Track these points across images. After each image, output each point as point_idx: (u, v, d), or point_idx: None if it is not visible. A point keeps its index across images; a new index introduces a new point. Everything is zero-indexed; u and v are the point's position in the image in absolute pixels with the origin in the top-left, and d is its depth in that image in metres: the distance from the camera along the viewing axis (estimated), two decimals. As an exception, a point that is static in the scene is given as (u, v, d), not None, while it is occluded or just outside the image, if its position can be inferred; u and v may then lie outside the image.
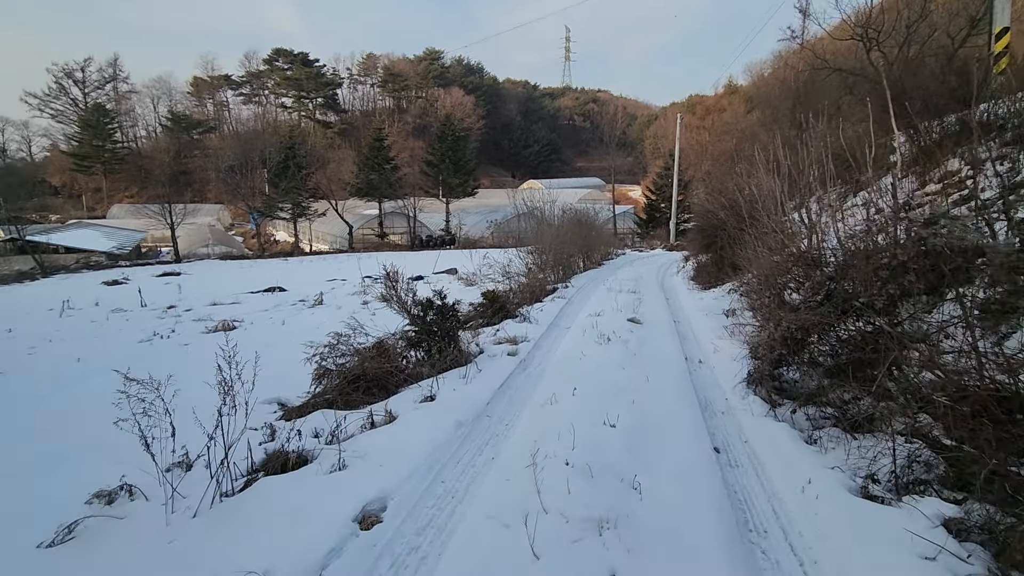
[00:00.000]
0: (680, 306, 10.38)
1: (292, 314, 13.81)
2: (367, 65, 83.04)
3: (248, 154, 41.47)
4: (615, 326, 8.09)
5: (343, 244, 38.84)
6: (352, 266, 25.14)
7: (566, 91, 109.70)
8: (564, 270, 15.83)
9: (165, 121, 67.92)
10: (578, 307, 10.18)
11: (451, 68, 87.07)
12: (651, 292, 12.10)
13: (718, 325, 8.01)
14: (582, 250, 18.94)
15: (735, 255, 11.96)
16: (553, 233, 14.81)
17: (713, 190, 14.22)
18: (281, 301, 16.24)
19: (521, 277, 12.71)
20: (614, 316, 8.88)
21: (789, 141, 10.09)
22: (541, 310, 9.51)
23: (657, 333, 7.95)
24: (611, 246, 27.80)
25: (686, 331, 8.35)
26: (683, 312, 9.81)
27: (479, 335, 7.68)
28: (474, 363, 6.35)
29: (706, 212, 13.44)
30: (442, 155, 38.63)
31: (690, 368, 6.47)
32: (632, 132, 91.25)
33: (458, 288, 14.31)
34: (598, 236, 22.11)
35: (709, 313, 9.06)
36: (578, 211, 19.53)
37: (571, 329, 8.15)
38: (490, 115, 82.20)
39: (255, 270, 27.54)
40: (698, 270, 14.74)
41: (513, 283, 12.35)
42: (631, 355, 6.62)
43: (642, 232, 42.10)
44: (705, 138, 59.45)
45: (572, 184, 69.76)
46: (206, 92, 75.30)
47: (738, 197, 12.23)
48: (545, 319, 8.82)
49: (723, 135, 40.45)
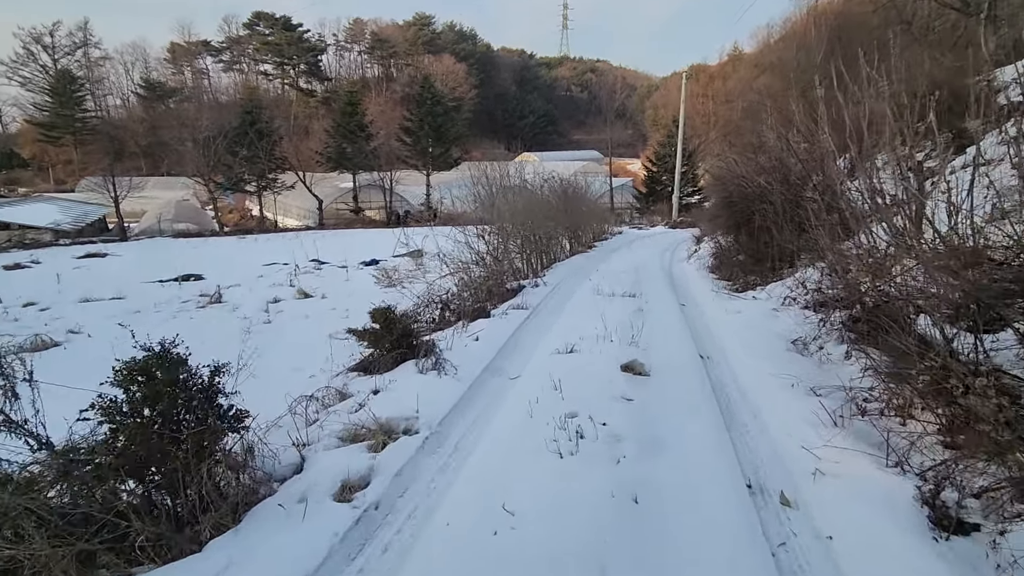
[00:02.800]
0: (707, 327, 6.40)
1: (162, 321, 9.90)
2: (354, 31, 77.33)
3: (227, 124, 37.00)
4: (598, 387, 4.19)
5: (316, 219, 34.67)
6: (307, 246, 21.14)
7: (563, 61, 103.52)
8: (542, 256, 11.85)
9: (138, 89, 62.89)
10: (542, 328, 6.25)
11: (442, 34, 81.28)
12: (657, 295, 8.12)
13: (798, 389, 4.08)
14: (568, 229, 14.93)
15: (785, 239, 7.99)
16: (521, 208, 10.76)
17: (745, 149, 10.12)
18: (173, 297, 12.29)
19: (473, 268, 8.72)
20: (598, 354, 4.96)
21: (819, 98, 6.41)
22: (477, 337, 5.57)
23: (681, 411, 3.98)
24: (606, 222, 23.74)
25: (736, 401, 4.30)
26: (716, 341, 5.84)
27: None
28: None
29: (735, 180, 9.39)
30: (420, 121, 34.09)
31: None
32: (632, 103, 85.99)
33: (378, 291, 10.34)
34: (589, 212, 18.05)
35: (764, 346, 5.13)
36: (564, 181, 15.43)
37: (506, 401, 4.22)
38: (483, 84, 76.77)
39: (198, 251, 23.52)
40: (720, 257, 10.76)
41: (458, 281, 8.40)
42: (631, 518, 2.70)
43: (641, 207, 37.89)
44: (709, 107, 54.85)
45: (568, 157, 65.14)
46: (184, 59, 69.92)
47: (789, 158, 8.21)
48: (471, 365, 4.88)
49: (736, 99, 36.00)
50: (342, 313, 9.78)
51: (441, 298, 7.48)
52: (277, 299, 11.35)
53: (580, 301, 7.51)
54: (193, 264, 18.98)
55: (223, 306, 11.15)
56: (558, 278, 9.77)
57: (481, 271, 8.53)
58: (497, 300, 8.17)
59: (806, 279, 6.86)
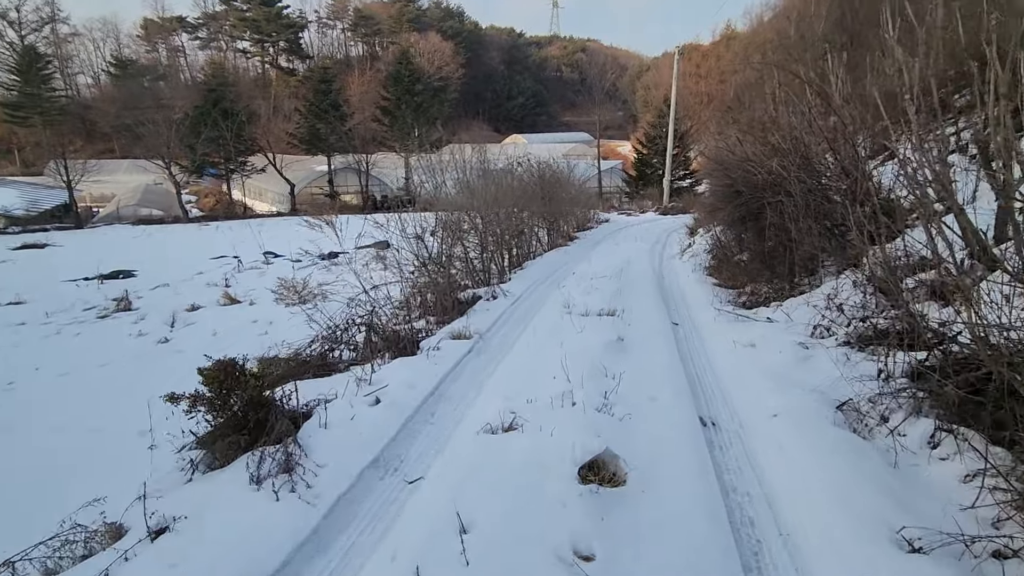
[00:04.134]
0: (712, 369, 4.59)
1: (42, 338, 8.05)
2: (337, 7, 73.92)
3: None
4: (536, 522, 2.40)
5: (288, 204, 32.48)
6: (267, 236, 19.10)
7: (553, 40, 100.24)
8: (508, 254, 10.04)
9: (109, 67, 59.76)
10: (481, 375, 4.45)
11: (428, 12, 78.00)
12: (644, 312, 6.31)
13: (878, 528, 2.32)
14: (547, 219, 13.10)
15: (806, 240, 6.22)
16: (485, 198, 8.88)
17: (751, 126, 8.29)
18: (80, 301, 10.37)
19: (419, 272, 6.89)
20: (548, 436, 3.16)
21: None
22: (378, 399, 3.75)
23: None
24: (592, 209, 21.88)
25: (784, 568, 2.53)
26: (726, 396, 4.03)
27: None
28: None
29: (741, 164, 7.57)
30: (398, 100, 31.74)
31: None
32: (623, 84, 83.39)
33: (284, 317, 8.47)
34: (572, 199, 16.18)
35: (798, 414, 3.37)
36: (541, 165, 13.53)
37: (383, 546, 2.45)
38: (471, 64, 73.80)
39: (150, 240, 21.44)
40: (719, 256, 8.99)
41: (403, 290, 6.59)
42: None
43: (631, 191, 35.96)
44: (702, 86, 52.69)
45: (558, 139, 62.88)
46: (158, 35, 66.55)
47: (809, 136, 6.40)
48: (350, 457, 3.06)
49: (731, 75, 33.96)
50: (262, 328, 7.97)
51: (364, 320, 5.68)
52: (195, 307, 9.50)
53: (544, 323, 5.71)
54: (136, 256, 17.04)
55: (130, 315, 9.28)
56: (525, 284, 7.95)
57: (425, 279, 6.72)
58: (441, 317, 6.37)
59: (838, 296, 5.12)
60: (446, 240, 7.06)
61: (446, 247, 6.94)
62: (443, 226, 7.05)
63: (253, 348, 7.05)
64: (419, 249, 6.74)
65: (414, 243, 6.76)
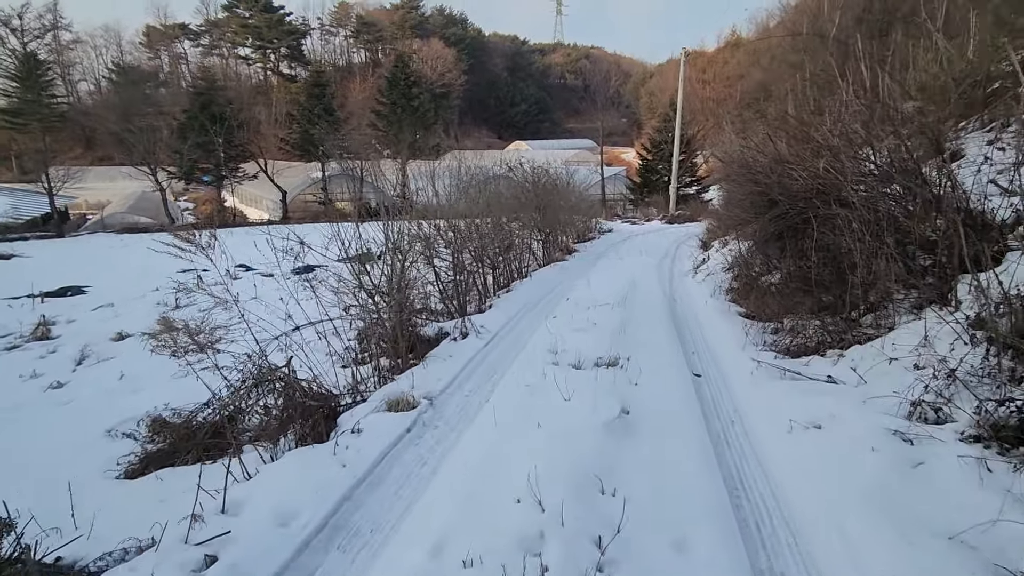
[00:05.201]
0: (769, 478, 2.98)
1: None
2: (340, 14, 72.97)
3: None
4: None
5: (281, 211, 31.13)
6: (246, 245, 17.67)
7: (557, 47, 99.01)
8: (497, 271, 8.53)
9: (109, 74, 58.90)
10: (409, 490, 2.89)
11: (431, 18, 76.90)
12: (656, 359, 4.69)
13: None
14: (542, 231, 11.57)
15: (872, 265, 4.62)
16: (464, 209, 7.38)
17: (785, 123, 6.71)
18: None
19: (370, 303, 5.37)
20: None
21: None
22: (210, 561, 2.24)
23: None
24: (595, 216, 20.35)
25: None
26: (817, 562, 2.45)
27: None
28: None
29: (775, 166, 6.01)
30: (393, 105, 30.34)
31: None
32: (627, 90, 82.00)
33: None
34: (572, 207, 14.66)
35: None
36: (535, 171, 12.00)
37: None
38: (474, 70, 72.63)
39: (123, 251, 20.04)
40: (743, 277, 7.41)
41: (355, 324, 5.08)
42: None
43: (635, 199, 34.36)
44: (707, 92, 51.26)
45: (561, 145, 61.42)
46: (160, 43, 65.71)
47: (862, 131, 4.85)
48: None
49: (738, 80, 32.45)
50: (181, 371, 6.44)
51: (283, 377, 4.16)
52: (123, 335, 8.04)
53: (518, 384, 4.14)
54: (101, 268, 15.64)
55: (45, 345, 7.80)
56: (507, 313, 6.42)
57: (370, 316, 5.19)
58: (394, 360, 4.85)
59: (933, 346, 3.56)
60: (405, 260, 5.52)
61: (401, 271, 5.39)
62: (395, 246, 5.50)
63: (168, 394, 5.58)
64: (361, 276, 5.22)
65: (354, 268, 5.24)
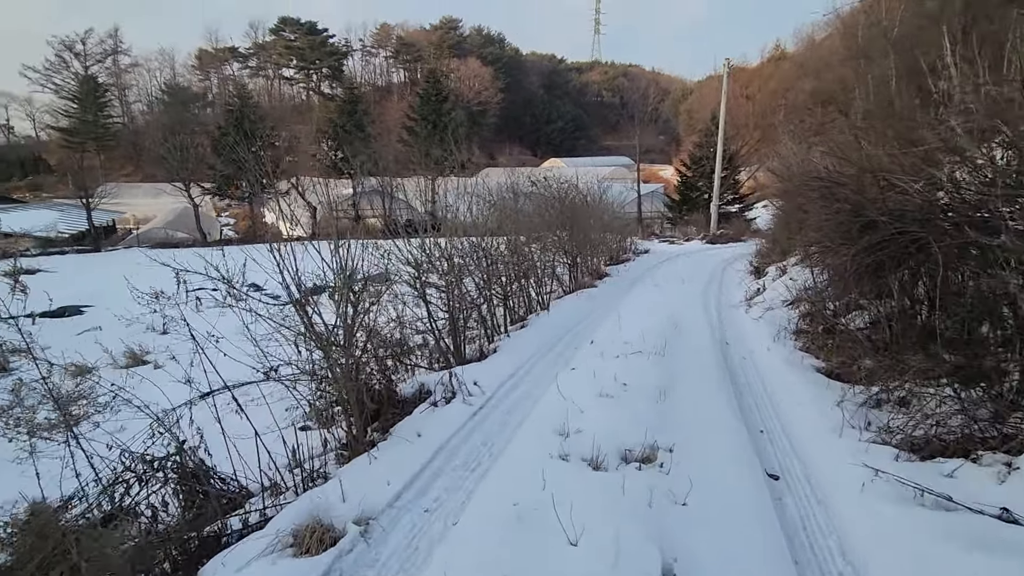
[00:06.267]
0: None
1: None
2: (380, 36, 74.19)
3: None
4: None
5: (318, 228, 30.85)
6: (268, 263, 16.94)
7: (594, 65, 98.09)
8: (509, 305, 7.20)
9: (161, 95, 61.14)
10: None
11: (469, 38, 77.28)
12: (714, 457, 3.23)
13: None
14: (569, 253, 10.21)
15: None
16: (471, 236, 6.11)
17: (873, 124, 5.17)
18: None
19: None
20: None
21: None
22: None
23: None
24: (630, 235, 18.85)
25: None
26: None
27: None
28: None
29: (872, 177, 4.50)
30: (424, 120, 29.69)
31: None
32: (665, 108, 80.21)
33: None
34: (606, 225, 13.26)
35: None
36: (563, 186, 10.68)
37: None
38: (511, 89, 72.35)
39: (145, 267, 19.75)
40: (817, 316, 5.85)
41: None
42: None
43: (673, 217, 32.57)
44: (751, 108, 49.12)
45: (597, 162, 60.10)
46: (211, 65, 68.02)
47: None
48: None
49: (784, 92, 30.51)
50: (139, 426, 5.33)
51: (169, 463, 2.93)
52: (84, 370, 7.04)
53: (503, 503, 2.77)
54: (117, 285, 15.12)
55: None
56: (513, 363, 5.08)
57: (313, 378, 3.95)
58: (351, 431, 3.57)
59: None
60: (360, 300, 4.25)
61: (353, 316, 4.12)
62: (346, 280, 4.23)
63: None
64: (311, 317, 3.99)
65: (298, 312, 4.01)
